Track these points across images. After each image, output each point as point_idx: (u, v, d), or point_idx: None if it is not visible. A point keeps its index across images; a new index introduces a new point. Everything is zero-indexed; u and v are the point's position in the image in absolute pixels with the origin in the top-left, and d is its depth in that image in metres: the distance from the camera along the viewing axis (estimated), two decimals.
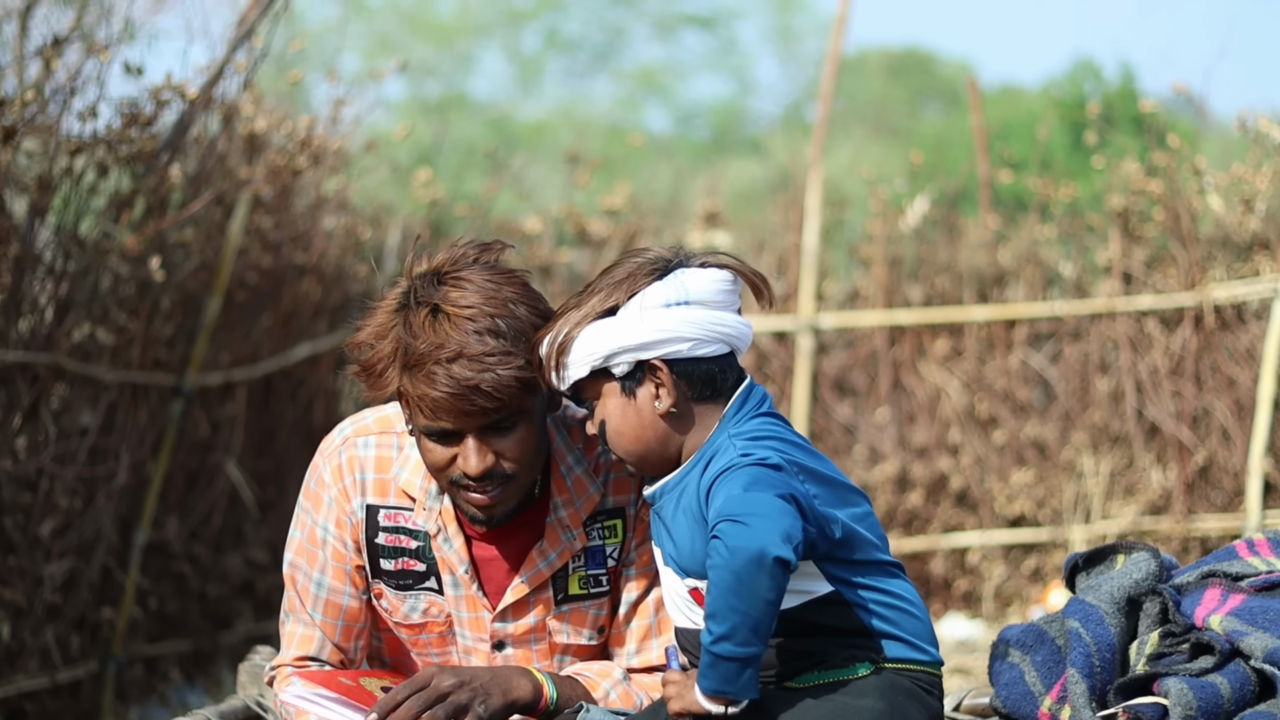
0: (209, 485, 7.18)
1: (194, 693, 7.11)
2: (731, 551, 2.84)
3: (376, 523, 3.38)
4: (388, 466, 3.38)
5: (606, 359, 3.04)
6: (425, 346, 3.11)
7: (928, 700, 3.06)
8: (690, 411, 3.06)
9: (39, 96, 5.94)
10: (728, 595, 2.84)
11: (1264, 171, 7.94)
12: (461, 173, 11.39)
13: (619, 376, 3.05)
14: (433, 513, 3.35)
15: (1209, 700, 3.19)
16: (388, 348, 3.17)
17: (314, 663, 3.42)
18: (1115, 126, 9.53)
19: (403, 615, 3.42)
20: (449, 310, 3.13)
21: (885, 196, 8.98)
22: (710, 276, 3.04)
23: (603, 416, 3.08)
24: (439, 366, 3.10)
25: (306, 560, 3.41)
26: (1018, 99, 21.34)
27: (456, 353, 3.10)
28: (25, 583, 6.06)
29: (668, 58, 31.72)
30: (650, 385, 3.05)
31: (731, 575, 2.83)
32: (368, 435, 3.41)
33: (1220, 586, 3.42)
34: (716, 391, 3.06)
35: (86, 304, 6.30)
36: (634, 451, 3.08)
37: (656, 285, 3.03)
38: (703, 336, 3.02)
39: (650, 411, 3.05)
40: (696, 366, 3.04)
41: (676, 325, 3.01)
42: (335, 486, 3.39)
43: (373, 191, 9.11)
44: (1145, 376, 8.29)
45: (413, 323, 3.14)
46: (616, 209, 9.21)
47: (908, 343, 8.76)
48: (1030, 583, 8.52)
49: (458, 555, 3.35)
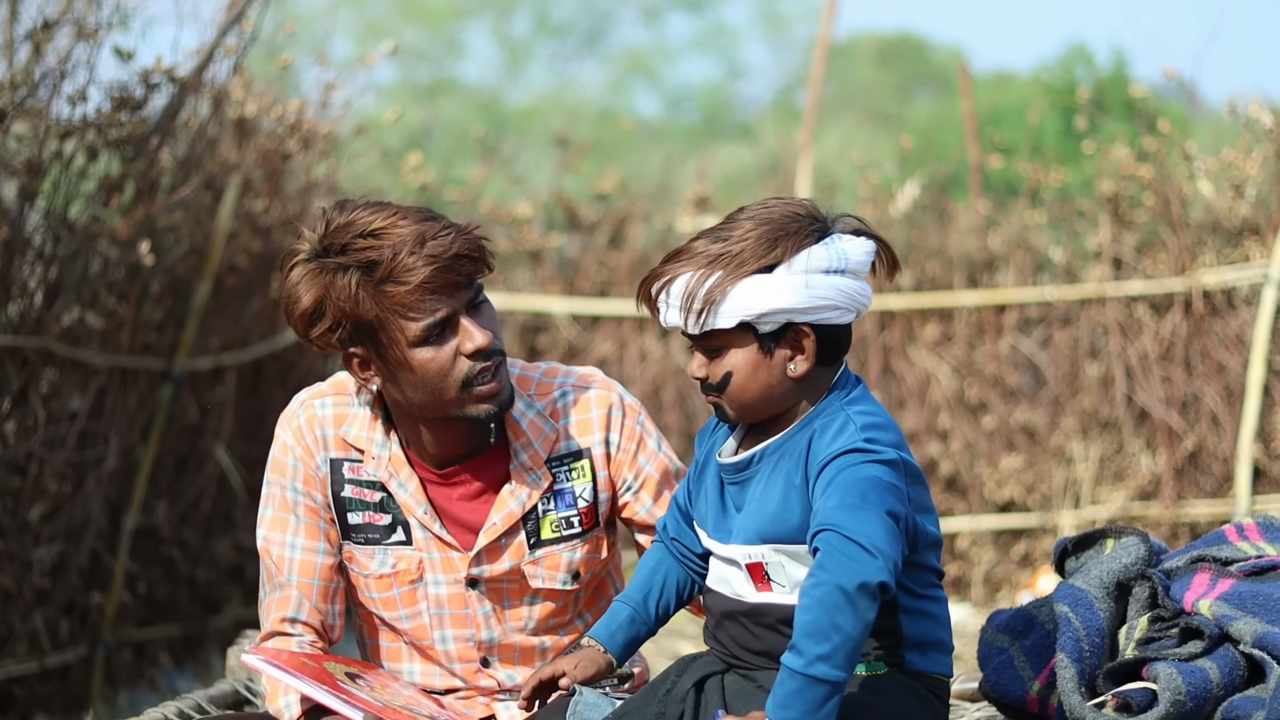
0: (198, 470, 7.17)
1: (183, 677, 7.11)
2: (838, 571, 2.76)
3: (342, 476, 3.42)
4: (343, 423, 3.42)
5: (759, 316, 2.95)
6: (388, 253, 3.17)
7: (936, 706, 3.04)
8: (814, 375, 3.01)
9: (29, 80, 5.92)
10: (834, 613, 2.74)
11: (1254, 157, 7.95)
12: (451, 157, 11.38)
13: (761, 334, 2.98)
14: (382, 460, 3.39)
15: (1198, 685, 3.19)
16: (346, 286, 3.20)
17: (294, 625, 3.42)
18: (1106, 112, 9.54)
19: (373, 570, 3.43)
20: (380, 226, 3.20)
21: (875, 182, 8.97)
22: (863, 246, 2.98)
23: (730, 368, 2.99)
24: (411, 257, 3.16)
25: (280, 529, 3.43)
26: (1010, 85, 21.34)
27: (419, 238, 3.17)
28: (14, 567, 6.05)
29: (656, 41, 31.71)
30: (789, 347, 2.98)
31: (841, 595, 2.75)
32: (323, 397, 3.45)
33: (1209, 571, 3.43)
34: (836, 357, 3.02)
35: (76, 288, 6.29)
36: (754, 407, 3.01)
37: (819, 249, 2.95)
38: (849, 305, 2.97)
39: (782, 372, 2.98)
40: (831, 332, 2.99)
41: (833, 293, 2.94)
42: (299, 446, 3.42)
43: (363, 176, 9.09)
44: (1135, 362, 8.30)
45: (356, 251, 3.19)
46: (607, 193, 9.20)
47: (897, 328, 8.76)
48: (1020, 568, 8.54)
49: (414, 498, 3.39)
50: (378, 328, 3.21)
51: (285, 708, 3.34)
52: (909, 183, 8.99)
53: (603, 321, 8.93)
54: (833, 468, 2.90)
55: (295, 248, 3.27)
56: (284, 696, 3.35)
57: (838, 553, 2.78)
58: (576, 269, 9.05)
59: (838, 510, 2.83)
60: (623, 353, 8.88)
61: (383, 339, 3.23)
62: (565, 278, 9.06)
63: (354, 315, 3.20)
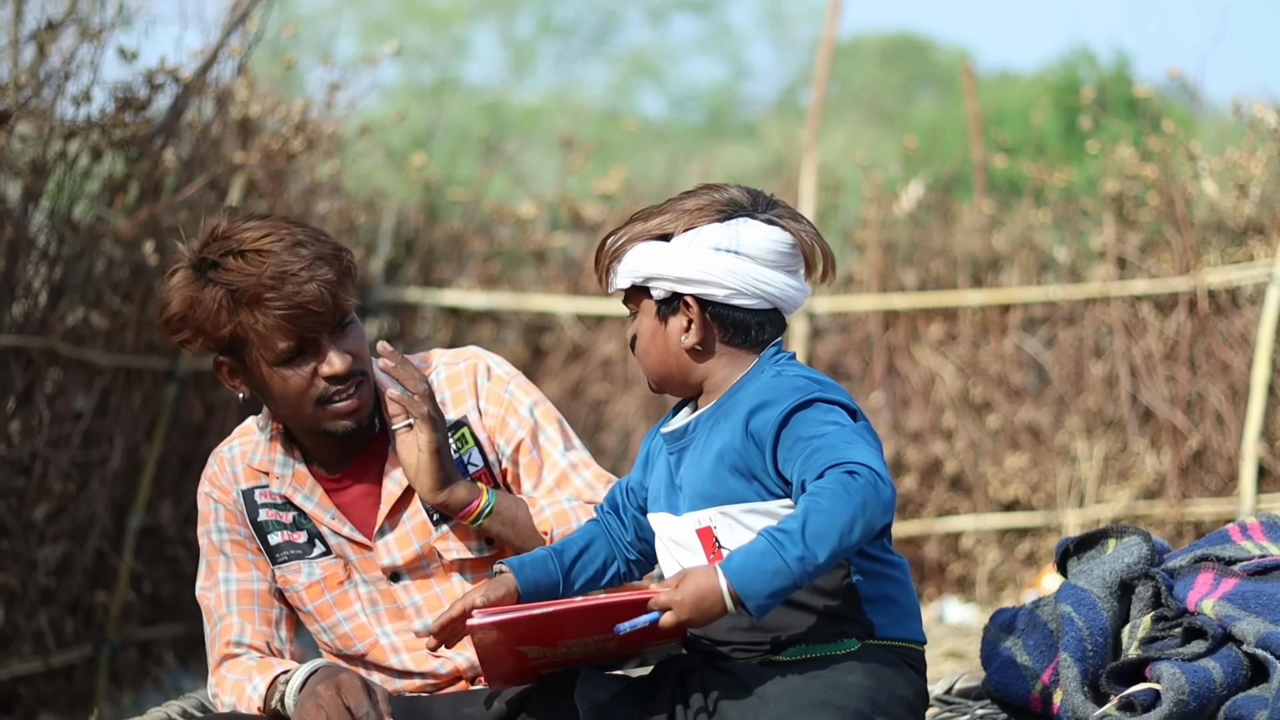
0: (203, 469, 7.16)
1: (188, 676, 7.12)
2: (870, 487, 2.80)
3: (255, 502, 3.51)
4: (248, 454, 3.54)
5: (646, 280, 3.06)
6: (249, 281, 3.26)
7: (913, 676, 3.06)
8: (717, 350, 3.08)
9: (33, 80, 5.93)
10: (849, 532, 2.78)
11: (1258, 156, 7.95)
12: (455, 157, 11.38)
13: (656, 300, 3.08)
14: (285, 478, 3.48)
15: (1201, 685, 3.19)
16: (210, 304, 3.30)
17: (240, 646, 3.47)
18: (1110, 112, 9.53)
19: (302, 581, 3.49)
20: (249, 248, 3.29)
21: (880, 181, 8.97)
22: (768, 234, 3.04)
23: (635, 331, 3.13)
24: (271, 292, 3.26)
25: (212, 574, 3.52)
26: (1013, 85, 21.34)
27: (280, 273, 3.26)
28: (19, 567, 6.06)
29: (661, 42, 31.70)
30: (682, 318, 3.07)
31: (861, 507, 2.79)
32: (230, 442, 3.58)
33: (1213, 571, 3.43)
34: (750, 341, 3.08)
35: (80, 288, 6.30)
36: (655, 372, 3.12)
37: (714, 227, 3.04)
38: (741, 288, 3.03)
39: (676, 342, 3.08)
40: (733, 313, 3.06)
41: (717, 271, 3.02)
42: (215, 490, 3.54)
43: (367, 176, 9.11)
44: (1139, 361, 8.30)
45: (225, 270, 3.29)
46: (611, 193, 9.20)
47: (902, 327, 8.76)
48: (1024, 567, 8.53)
49: (320, 506, 3.47)
50: (240, 345, 3.34)
51: (253, 692, 3.38)
52: (913, 182, 8.99)
53: (607, 321, 8.93)
54: (796, 420, 2.95)
55: (180, 252, 3.38)
56: (249, 685, 3.39)
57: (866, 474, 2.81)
58: (581, 269, 9.05)
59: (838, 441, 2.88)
60: (627, 353, 8.88)
61: (246, 355, 3.35)
62: (570, 278, 9.06)
63: (214, 333, 3.32)
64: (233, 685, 3.41)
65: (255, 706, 3.37)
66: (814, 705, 2.93)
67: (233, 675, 3.42)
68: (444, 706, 3.43)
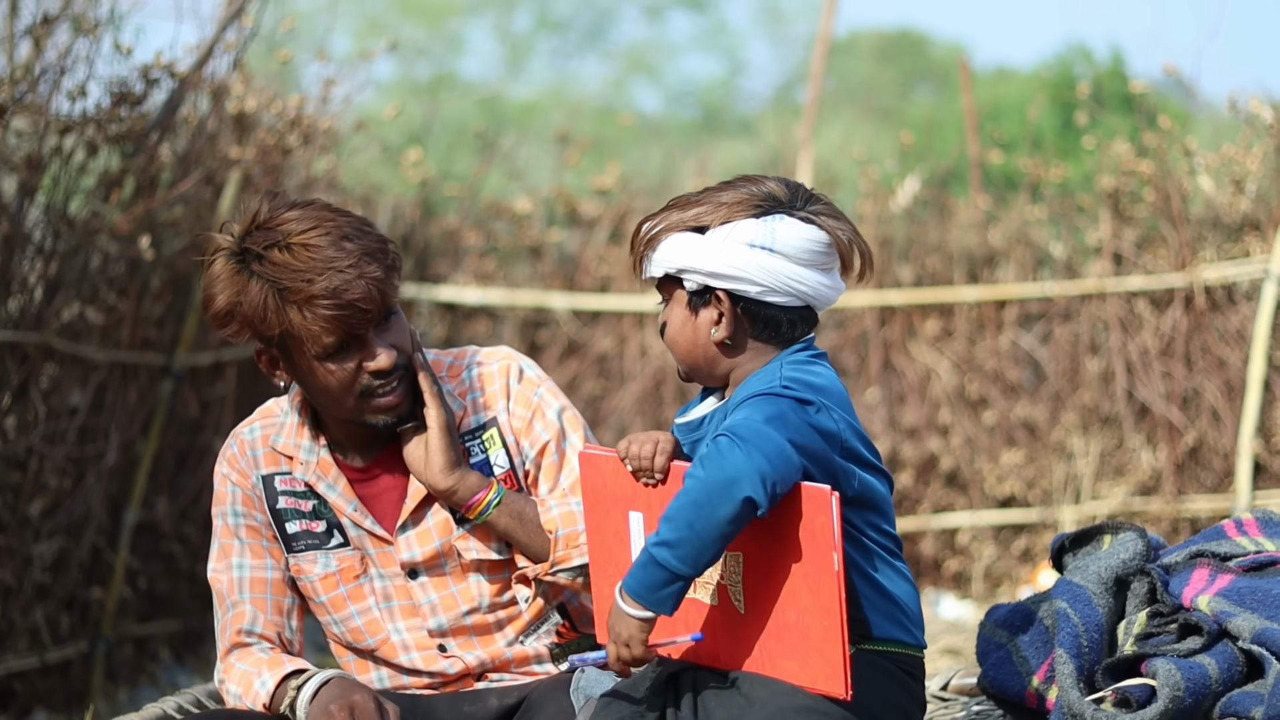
0: (199, 465, 7.17)
1: (184, 672, 7.11)
2: (713, 468, 2.85)
3: (275, 489, 3.50)
4: (271, 437, 3.52)
5: (679, 271, 3.06)
6: (295, 278, 3.25)
7: (909, 683, 3.04)
8: (746, 345, 3.09)
9: (29, 75, 5.92)
10: (690, 508, 2.84)
11: (1254, 152, 7.94)
12: (451, 153, 11.36)
13: (688, 291, 3.07)
14: (310, 465, 3.47)
15: (1197, 681, 3.19)
16: (256, 298, 3.28)
17: (251, 635, 3.46)
18: (1106, 107, 9.52)
19: (318, 572, 3.49)
20: (295, 241, 3.26)
21: (876, 177, 8.97)
22: (803, 232, 3.04)
23: (666, 319, 3.13)
24: (317, 288, 3.24)
25: (225, 557, 3.51)
26: (1009, 81, 21.32)
27: (327, 268, 3.24)
28: (14, 562, 6.06)
29: (657, 37, 31.69)
30: (713, 310, 3.07)
31: (703, 490, 2.84)
32: (251, 424, 3.56)
33: (1208, 567, 3.43)
34: (780, 337, 3.09)
35: (76, 283, 6.29)
36: (684, 361, 3.13)
37: (750, 223, 3.03)
38: (773, 285, 3.03)
39: (705, 334, 3.08)
40: (764, 309, 3.06)
41: (750, 268, 3.02)
42: (234, 472, 3.51)
43: (363, 171, 9.10)
44: (1135, 357, 8.29)
45: (271, 264, 3.26)
46: (607, 189, 9.20)
47: (898, 323, 8.76)
48: (1020, 563, 8.53)
49: (343, 497, 3.46)
50: (286, 337, 3.32)
51: (261, 687, 3.38)
52: (909, 178, 8.98)
53: (603, 317, 8.93)
54: (746, 403, 2.97)
55: (220, 239, 3.34)
56: (257, 680, 3.39)
57: (717, 452, 2.86)
58: (577, 264, 9.04)
59: (736, 423, 2.91)
60: (623, 348, 8.88)
61: (290, 347, 3.34)
62: (566, 273, 9.06)
63: (261, 326, 3.31)
64: (241, 675, 3.41)
65: (261, 703, 3.37)
66: (799, 711, 2.91)
67: (241, 665, 3.42)
68: (445, 704, 3.44)
